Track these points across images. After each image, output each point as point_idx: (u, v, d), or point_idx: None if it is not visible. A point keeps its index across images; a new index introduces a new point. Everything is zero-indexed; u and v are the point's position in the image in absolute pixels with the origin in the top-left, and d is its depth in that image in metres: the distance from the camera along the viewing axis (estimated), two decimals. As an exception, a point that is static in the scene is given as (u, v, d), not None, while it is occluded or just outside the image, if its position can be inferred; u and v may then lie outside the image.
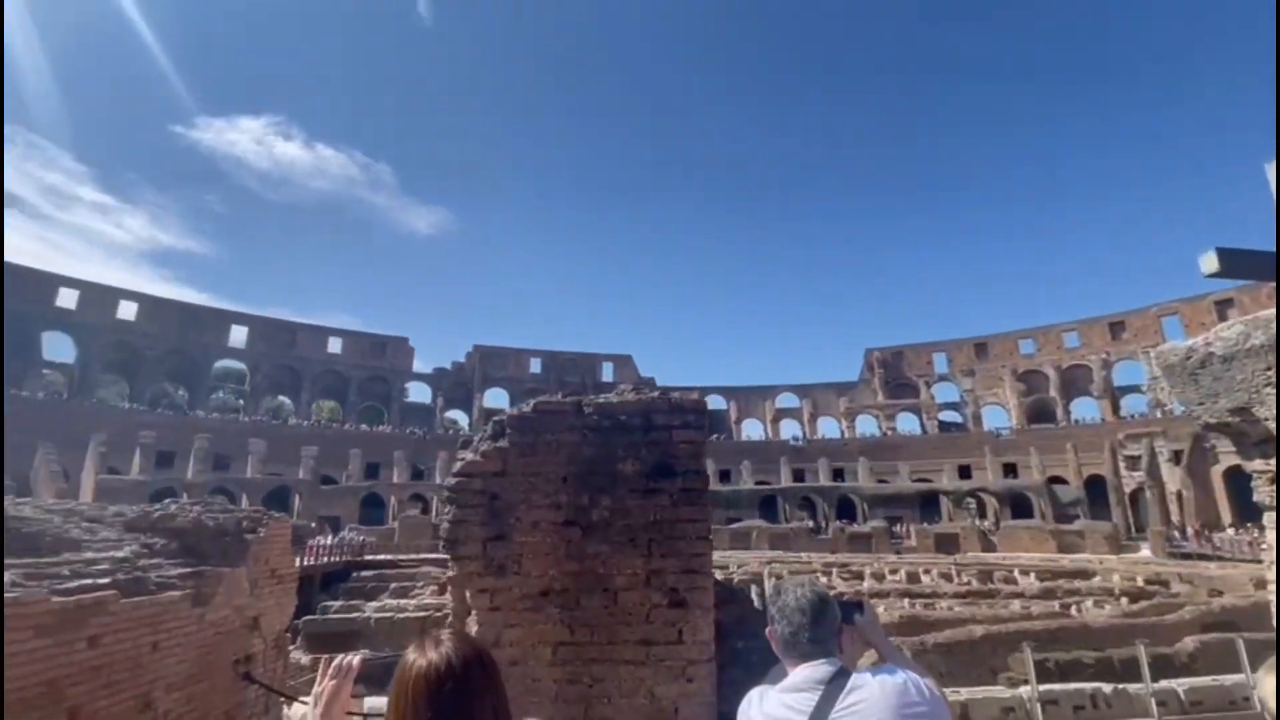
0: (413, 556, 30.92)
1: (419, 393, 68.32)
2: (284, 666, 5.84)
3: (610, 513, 2.55)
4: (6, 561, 3.76)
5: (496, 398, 68.60)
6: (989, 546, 38.42)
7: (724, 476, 52.49)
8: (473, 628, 2.47)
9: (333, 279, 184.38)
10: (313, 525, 33.49)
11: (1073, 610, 19.45)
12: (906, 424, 65.97)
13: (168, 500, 5.46)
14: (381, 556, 31.17)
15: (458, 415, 69.83)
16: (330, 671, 1.40)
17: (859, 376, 70.35)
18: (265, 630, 5.54)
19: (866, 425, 66.46)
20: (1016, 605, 20.26)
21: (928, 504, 49.39)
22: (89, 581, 4.00)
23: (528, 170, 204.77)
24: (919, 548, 38.43)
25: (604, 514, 2.54)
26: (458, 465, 2.66)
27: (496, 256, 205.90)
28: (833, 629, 1.69)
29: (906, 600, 21.66)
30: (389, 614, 22.25)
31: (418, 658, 1.20)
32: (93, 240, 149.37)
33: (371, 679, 1.44)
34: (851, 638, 1.77)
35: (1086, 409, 58.75)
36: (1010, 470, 51.61)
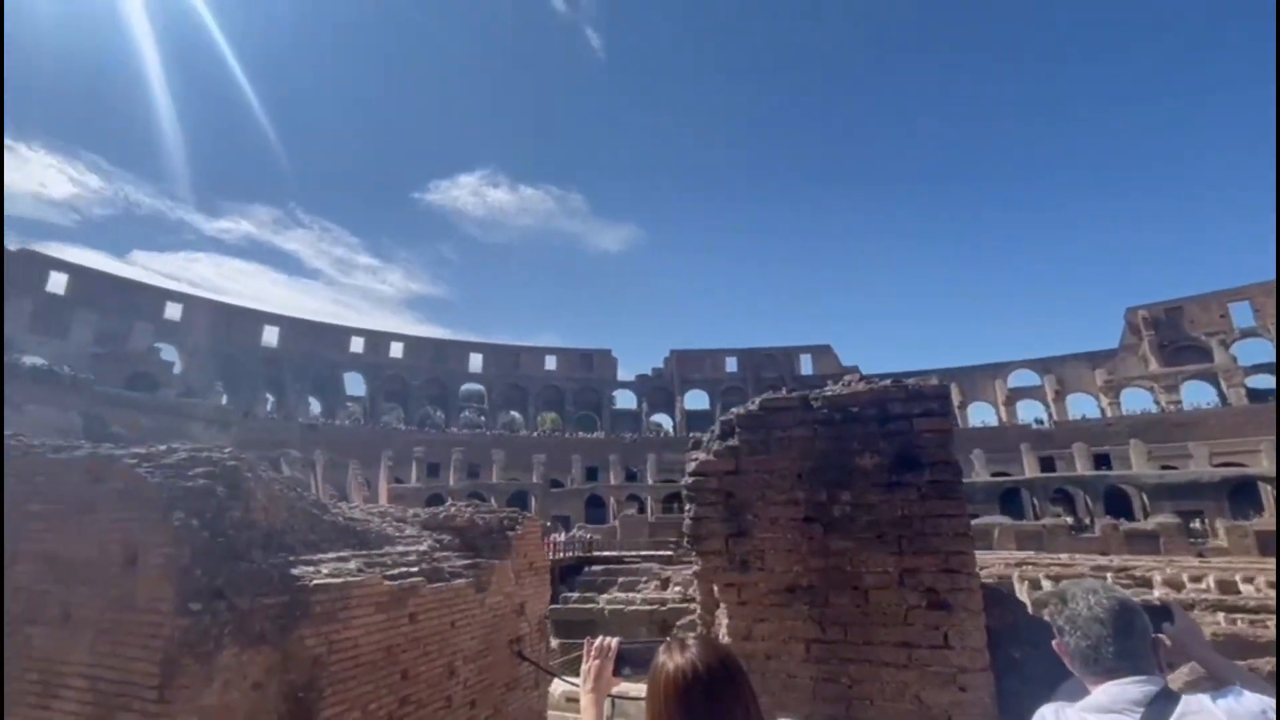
0: (634, 553, 32.88)
1: (625, 399, 72.86)
2: (546, 648, 6.64)
3: (851, 508, 2.46)
4: (352, 553, 4.83)
5: (696, 399, 70.32)
6: (1345, 547, 29.09)
7: (951, 468, 47.15)
8: (723, 620, 2.57)
9: (543, 303, 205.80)
10: (548, 524, 37.49)
11: None
12: (1195, 395, 53.03)
13: (449, 503, 6.56)
14: (607, 553, 33.70)
15: (661, 418, 72.92)
16: (594, 651, 1.56)
17: (1119, 343, 58.48)
18: (529, 615, 6.36)
19: (1135, 400, 54.85)
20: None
21: (1239, 494, 39.01)
22: (403, 570, 4.97)
23: (708, 176, 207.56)
24: (1231, 548, 30.57)
25: (845, 509, 2.46)
26: (691, 465, 2.80)
27: (685, 262, 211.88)
28: (1145, 641, 1.42)
29: (1222, 615, 17.32)
30: (619, 605, 23.95)
31: (666, 661, 1.24)
32: (368, 295, 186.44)
33: (626, 661, 1.57)
34: (1163, 650, 1.47)
35: None
36: (1372, 447, 38.55)
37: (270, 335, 62.89)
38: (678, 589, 24.58)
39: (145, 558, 3.61)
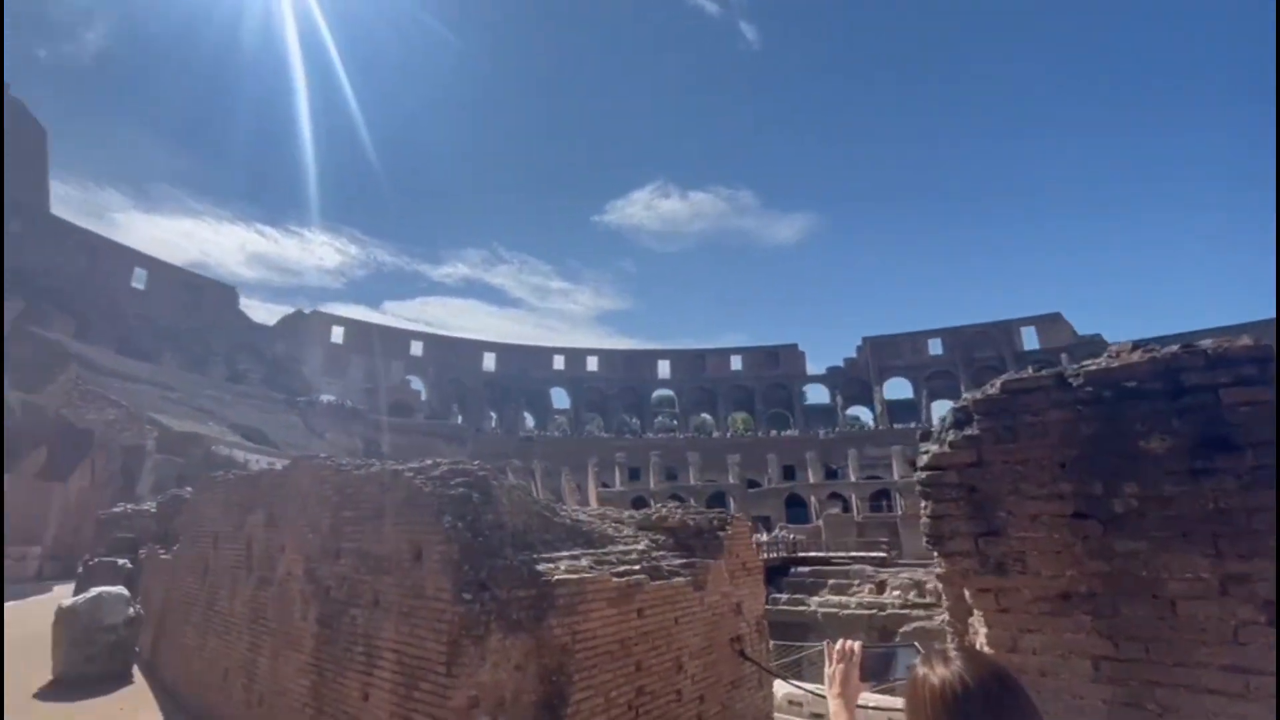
0: (841, 554, 31.28)
1: (817, 394, 69.91)
2: (766, 648, 6.59)
3: (1139, 501, 2.05)
4: (581, 552, 5.28)
5: (897, 388, 64.92)
6: None
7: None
8: (979, 629, 2.30)
9: (724, 304, 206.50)
10: (749, 525, 37.22)
11: None
12: None
13: (659, 505, 6.86)
14: (812, 554, 32.47)
15: (859, 411, 68.59)
16: (837, 655, 1.49)
17: None
18: (746, 615, 6.37)
19: None
20: None
21: None
22: (627, 567, 5.29)
23: (885, 148, 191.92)
24: None
25: (1130, 503, 2.06)
26: (923, 458, 2.56)
27: (870, 243, 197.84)
28: None
29: None
30: (833, 609, 22.94)
31: (929, 673, 1.12)
32: (563, 317, 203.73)
33: (866, 666, 1.46)
34: None
35: None
36: None
37: (489, 361, 71.82)
38: (896, 593, 22.80)
39: (428, 554, 4.32)
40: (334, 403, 55.05)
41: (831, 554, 31.29)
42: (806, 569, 27.50)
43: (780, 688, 7.67)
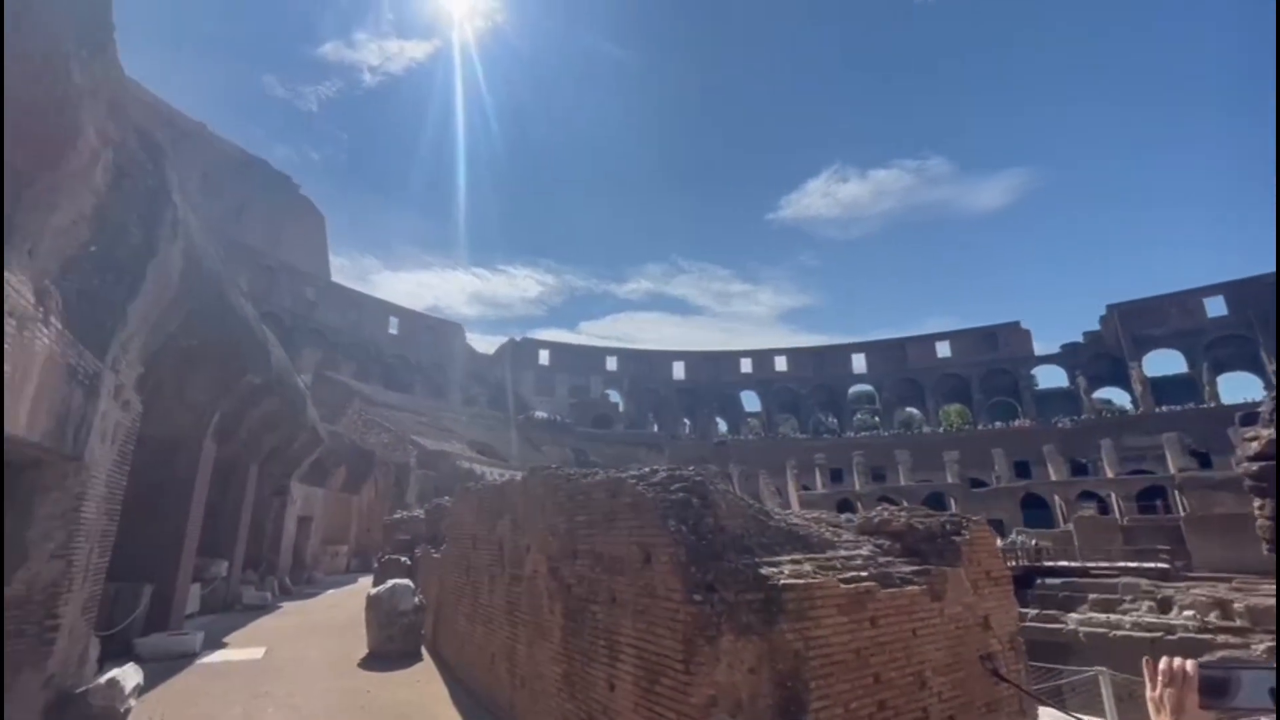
0: (1104, 564, 26.53)
1: (1050, 377, 60.25)
2: (1024, 669, 5.80)
3: None
4: (802, 556, 5.17)
5: (1163, 362, 53.29)
6: None
7: None
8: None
9: (923, 286, 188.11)
10: (989, 529, 33.29)
11: None
12: None
13: (880, 508, 6.45)
14: (1061, 563, 27.97)
15: (1110, 393, 57.62)
16: (1163, 676, 1.24)
17: None
18: (997, 630, 5.68)
19: None
20: None
21: None
22: (853, 574, 5.06)
23: (1108, 79, 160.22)
24: None
25: None
26: (1250, 446, 2.05)
27: (1103, 195, 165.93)
28: None
29: None
30: (1099, 629, 19.52)
31: None
32: (746, 319, 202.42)
33: (1203, 690, 1.20)
34: None
35: None
36: None
37: (679, 370, 73.98)
38: (1189, 613, 18.64)
39: (656, 556, 4.57)
40: (546, 418, 61.03)
41: (1089, 564, 26.64)
42: (1057, 580, 23.75)
43: (1047, 714, 6.69)
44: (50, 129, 4.72)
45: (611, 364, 73.98)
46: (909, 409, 67.10)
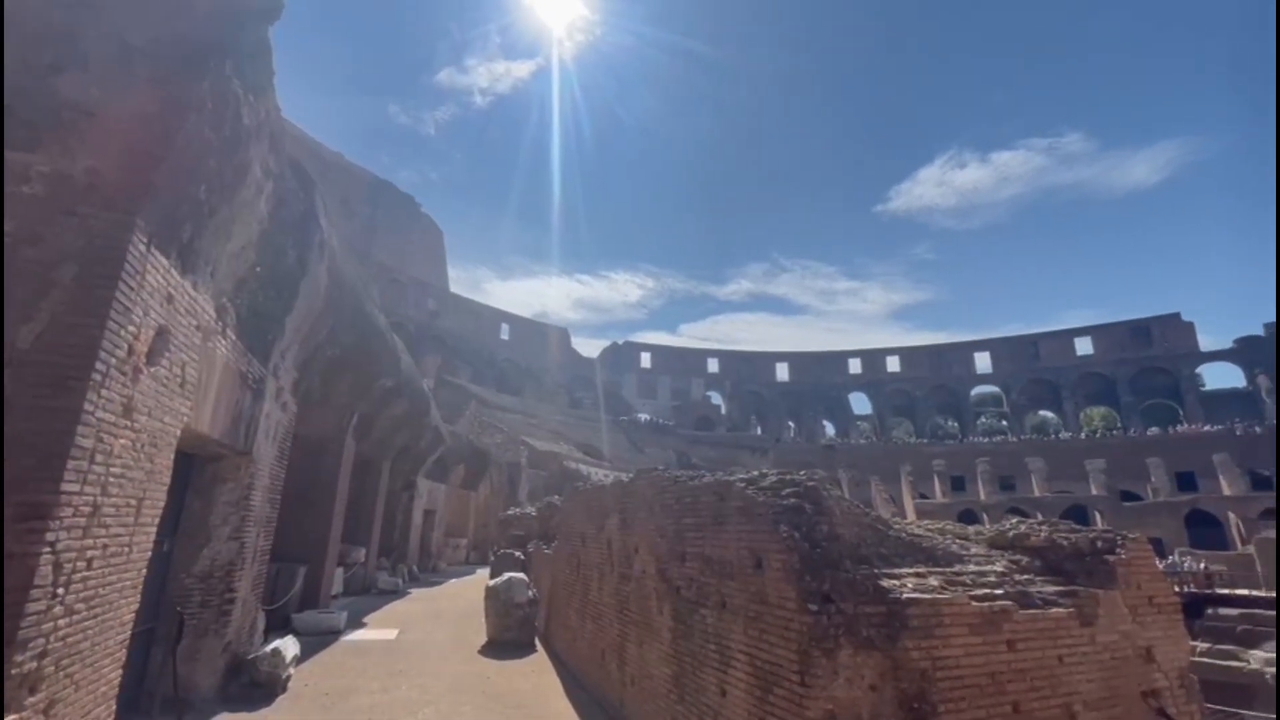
0: (1300, 595, 22.62)
1: (1220, 376, 52.47)
2: (1199, 711, 5.05)
3: None
4: (927, 569, 4.84)
5: (1375, 358, 44.69)
6: None
7: None
8: None
9: (1057, 277, 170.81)
10: (1149, 548, 29.57)
11: None
12: None
13: (1014, 520, 5.90)
14: (1240, 591, 24.19)
15: (1302, 395, 49.05)
16: None
17: None
18: (1162, 664, 5.00)
19: None
20: None
21: None
22: (985, 591, 4.66)
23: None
24: None
25: None
26: None
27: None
28: None
29: None
30: (1294, 672, 16.65)
31: None
32: (853, 318, 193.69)
33: None
34: None
35: None
36: None
37: (782, 371, 72.12)
38: None
39: (768, 562, 4.47)
40: (649, 420, 61.76)
41: (1274, 593, 22.80)
42: (1233, 611, 20.49)
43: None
44: (225, 166, 5.45)
45: (713, 366, 73.53)
46: (1042, 412, 61.01)
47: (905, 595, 4.12)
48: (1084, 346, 57.99)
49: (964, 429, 62.01)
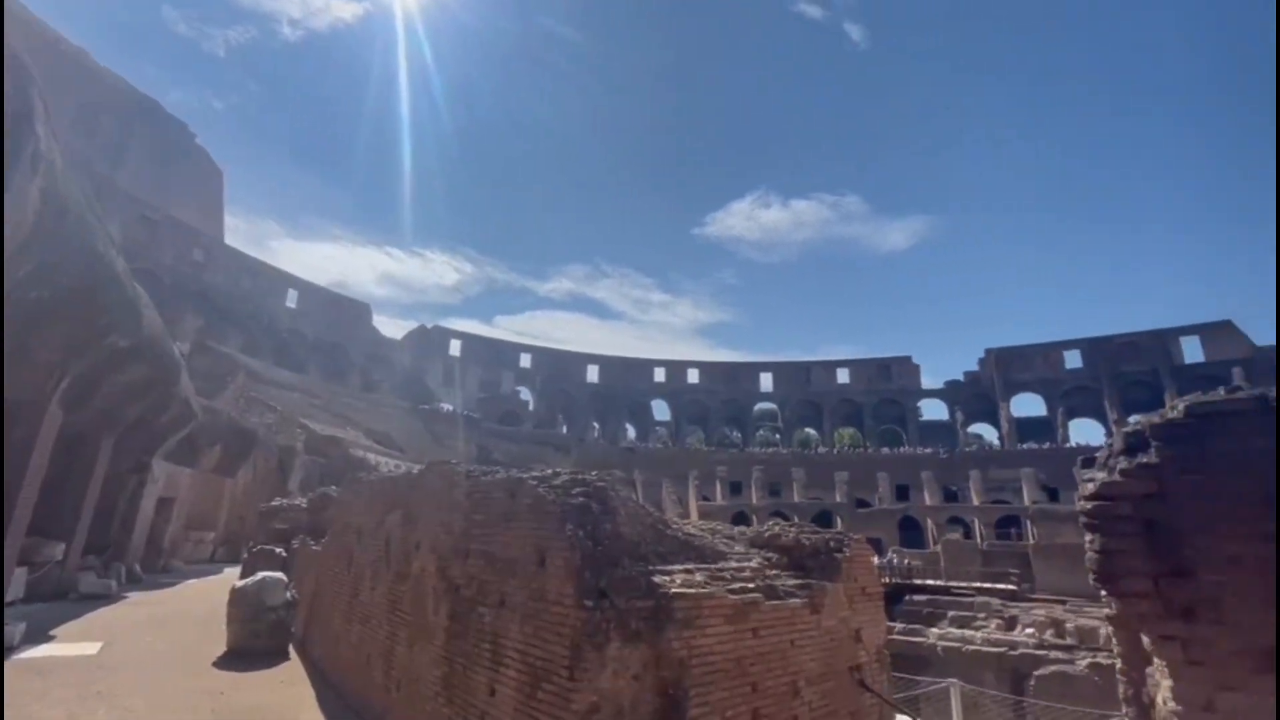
0: (964, 584, 29.01)
1: (933, 410, 65.39)
2: (888, 680, 6.22)
3: (1376, 548, 1.75)
4: (695, 566, 5.28)
5: (1027, 404, 59.32)
6: None
7: None
8: (1162, 681, 2.05)
9: (831, 314, 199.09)
10: (869, 547, 35.52)
11: None
12: None
13: (771, 522, 6.71)
14: (929, 581, 30.35)
15: (982, 429, 63.35)
16: None
17: None
18: (866, 643, 6.05)
19: None
20: None
21: None
22: (741, 585, 5.22)
23: (1008, 146, 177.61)
24: None
25: (1364, 549, 1.76)
26: (1087, 487, 2.33)
27: (991, 247, 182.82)
28: None
29: None
30: (955, 643, 21.23)
31: None
32: (664, 329, 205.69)
33: None
34: None
35: None
36: None
37: (593, 373, 73.83)
38: (1030, 631, 20.75)
39: (551, 559, 4.51)
40: (452, 411, 58.97)
41: (952, 583, 29.05)
42: (923, 598, 25.72)
43: (902, 723, 7.20)
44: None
45: (525, 361, 72.72)
46: (808, 429, 70.63)
47: (674, 590, 4.44)
48: (843, 376, 68.56)
49: (745, 439, 69.32)
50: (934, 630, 22.23)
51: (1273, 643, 1.85)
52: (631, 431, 72.84)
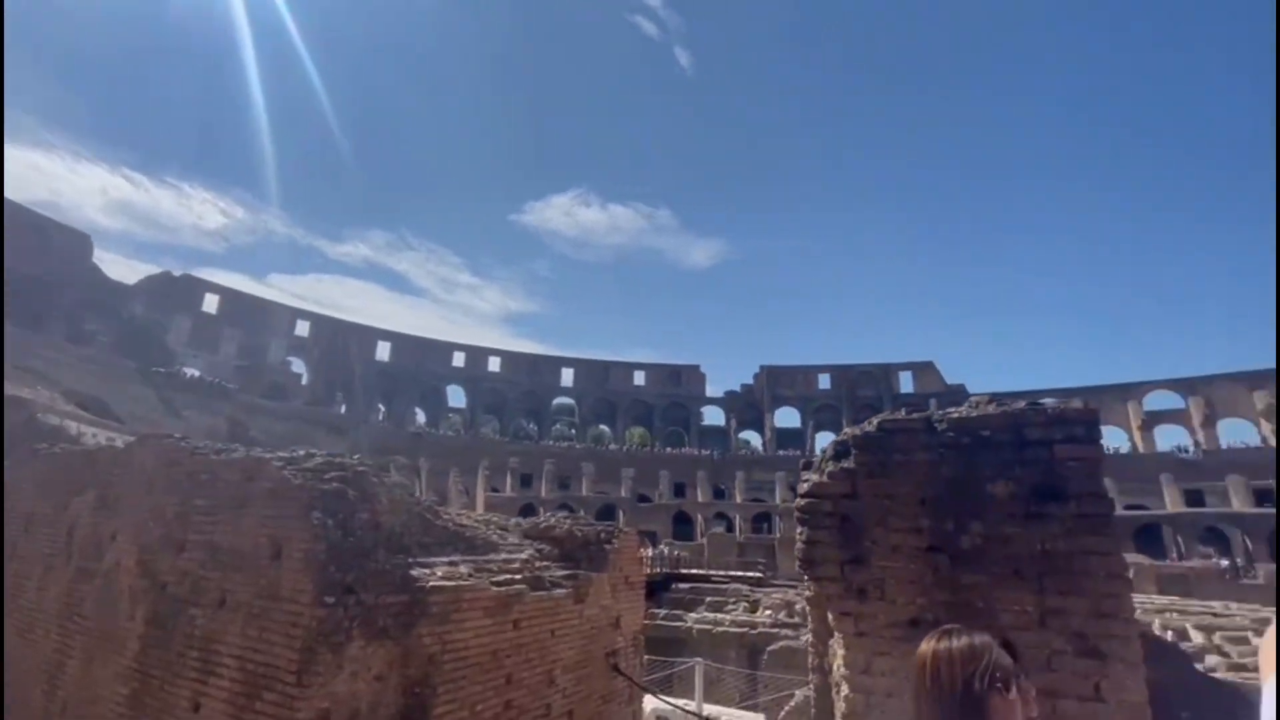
0: (722, 573, 32.32)
1: (713, 416, 72.10)
2: (641, 663, 6.64)
3: (983, 540, 2.28)
4: (461, 558, 5.08)
5: (787, 417, 68.41)
6: None
7: (1075, 499, 42.70)
8: (838, 650, 2.45)
9: (634, 319, 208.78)
10: (637, 539, 37.61)
11: None
12: (1390, 424, 45.22)
13: (549, 514, 6.76)
14: (694, 571, 33.31)
15: (750, 435, 71.47)
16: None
17: (1285, 361, 50.93)
18: (625, 629, 6.39)
19: (1308, 429, 47.42)
20: None
21: None
22: (508, 577, 5.16)
23: (797, 188, 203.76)
24: None
25: (975, 541, 2.28)
26: (804, 486, 2.71)
27: (774, 276, 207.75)
28: None
29: None
30: (707, 625, 23.52)
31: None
32: (469, 313, 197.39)
33: None
34: None
35: None
36: None
37: (384, 350, 67.88)
38: (768, 612, 23.80)
39: (289, 551, 3.97)
40: (199, 378, 49.85)
41: (712, 572, 32.21)
42: (687, 586, 28.13)
43: (650, 703, 7.75)
44: None
45: (302, 329, 64.18)
46: (602, 426, 73.16)
47: (431, 583, 4.21)
48: (639, 378, 72.44)
49: (542, 433, 69.50)
50: (692, 615, 24.42)
51: (914, 616, 2.31)
52: (422, 417, 68.54)
